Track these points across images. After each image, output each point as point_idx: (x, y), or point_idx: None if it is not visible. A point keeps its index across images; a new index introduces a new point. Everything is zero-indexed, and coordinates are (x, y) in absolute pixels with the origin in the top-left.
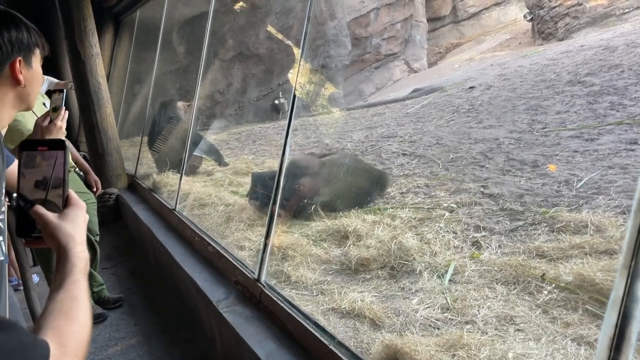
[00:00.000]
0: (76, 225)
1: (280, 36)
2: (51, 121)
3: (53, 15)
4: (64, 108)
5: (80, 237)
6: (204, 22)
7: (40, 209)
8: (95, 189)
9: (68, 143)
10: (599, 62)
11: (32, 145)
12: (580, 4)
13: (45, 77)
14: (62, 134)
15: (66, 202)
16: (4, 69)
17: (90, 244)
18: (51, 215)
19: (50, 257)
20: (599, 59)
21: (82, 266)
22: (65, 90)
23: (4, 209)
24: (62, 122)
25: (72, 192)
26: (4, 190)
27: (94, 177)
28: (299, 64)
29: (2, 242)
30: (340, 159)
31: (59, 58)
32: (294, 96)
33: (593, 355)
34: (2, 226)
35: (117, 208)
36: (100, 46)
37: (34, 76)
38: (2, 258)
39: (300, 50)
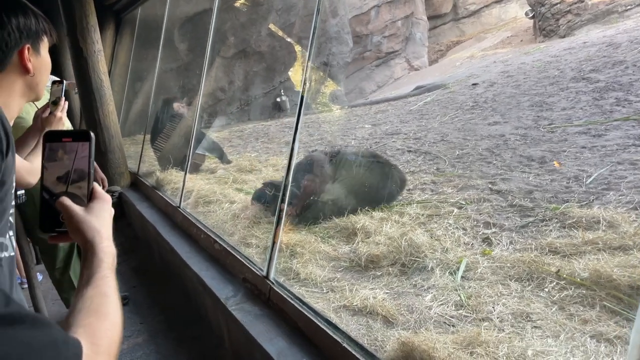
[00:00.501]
0: (102, 219)
1: (281, 33)
2: (51, 113)
3: (55, 11)
4: (63, 99)
5: (106, 231)
6: (205, 20)
7: (67, 200)
8: (101, 186)
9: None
10: (603, 59)
11: (57, 137)
12: (582, 1)
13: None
14: (62, 125)
15: (91, 196)
16: (12, 57)
17: None
18: (77, 208)
19: (55, 255)
20: (602, 55)
21: (109, 261)
22: (64, 82)
23: (13, 202)
24: (62, 113)
25: (97, 186)
26: (14, 184)
27: (100, 174)
28: (307, 60)
29: (12, 237)
30: (352, 154)
31: (61, 55)
32: (302, 95)
33: (614, 353)
34: (12, 221)
35: (121, 206)
36: (102, 43)
37: (43, 64)
38: (12, 253)
39: (302, 47)
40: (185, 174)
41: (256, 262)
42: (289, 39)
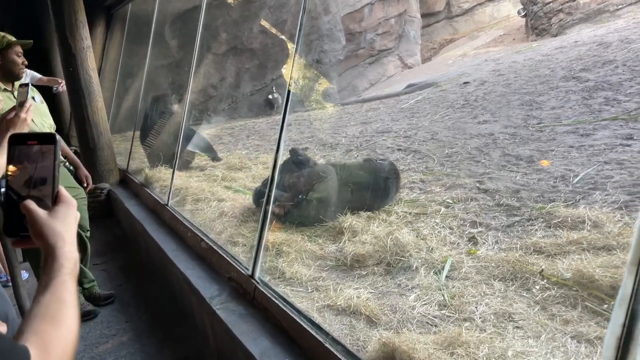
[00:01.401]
0: (66, 223)
1: (274, 30)
2: (16, 114)
3: (43, 8)
4: (29, 101)
5: (70, 236)
6: (196, 16)
7: (31, 203)
8: (85, 184)
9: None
10: (593, 58)
11: (22, 140)
12: (574, 0)
13: (27, 70)
14: (26, 126)
15: (56, 199)
16: None
17: (80, 240)
18: (41, 212)
19: (40, 253)
20: (593, 54)
21: (70, 267)
22: (30, 84)
23: None
24: (26, 115)
25: (62, 189)
26: None
27: (84, 172)
28: (294, 58)
29: None
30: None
31: (50, 51)
32: (289, 91)
33: (594, 353)
34: None
35: (109, 203)
36: (92, 40)
37: None
38: None
39: (294, 44)
40: (174, 171)
41: (242, 261)
42: (281, 36)
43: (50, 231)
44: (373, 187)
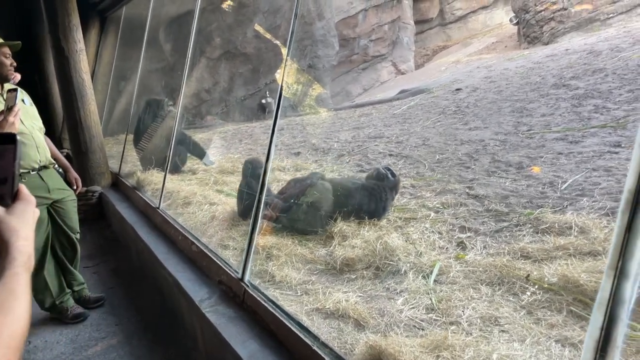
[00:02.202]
0: (23, 220)
1: (268, 35)
2: (4, 118)
3: (36, 10)
4: (17, 106)
5: (25, 232)
6: (191, 20)
7: None
8: (75, 187)
9: (47, 139)
10: (584, 66)
11: None
12: (566, 9)
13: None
14: (14, 130)
15: (15, 197)
16: None
17: (70, 242)
18: None
19: None
20: (583, 62)
21: (23, 260)
22: (18, 89)
23: None
24: (14, 118)
25: (23, 187)
26: None
27: (73, 174)
28: (285, 63)
29: None
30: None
31: (43, 54)
32: (280, 96)
33: (578, 357)
34: None
35: (101, 206)
36: (85, 43)
37: None
38: None
39: (286, 50)
40: (165, 174)
41: (232, 264)
42: (275, 41)
43: (5, 227)
44: (374, 211)
